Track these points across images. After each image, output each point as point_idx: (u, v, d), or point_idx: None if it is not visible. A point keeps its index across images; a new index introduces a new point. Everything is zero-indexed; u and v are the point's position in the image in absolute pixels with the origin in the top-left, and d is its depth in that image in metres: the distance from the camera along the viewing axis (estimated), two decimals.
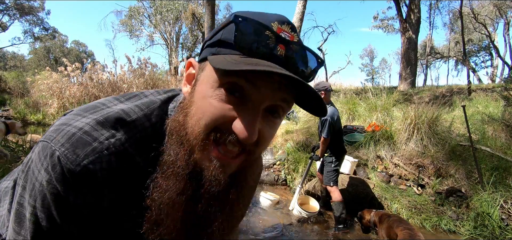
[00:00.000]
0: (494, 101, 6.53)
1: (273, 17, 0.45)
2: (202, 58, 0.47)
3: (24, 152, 4.17)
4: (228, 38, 0.43)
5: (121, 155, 0.43)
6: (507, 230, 2.85)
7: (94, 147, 0.41)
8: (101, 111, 0.45)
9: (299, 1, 7.64)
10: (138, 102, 0.50)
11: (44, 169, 0.40)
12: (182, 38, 25.11)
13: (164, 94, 0.54)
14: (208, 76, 0.44)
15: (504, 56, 22.89)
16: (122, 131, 0.44)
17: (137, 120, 0.47)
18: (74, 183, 0.40)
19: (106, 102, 0.49)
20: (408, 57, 12.49)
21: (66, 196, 0.40)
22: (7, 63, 35.70)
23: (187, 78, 0.51)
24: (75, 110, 0.46)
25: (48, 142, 0.41)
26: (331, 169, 3.22)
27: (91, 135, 0.42)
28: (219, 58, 0.42)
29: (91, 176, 0.41)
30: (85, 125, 0.42)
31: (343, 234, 3.06)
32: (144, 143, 0.46)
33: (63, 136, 0.41)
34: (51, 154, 0.40)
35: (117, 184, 0.44)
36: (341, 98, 7.02)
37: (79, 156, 0.40)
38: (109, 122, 0.44)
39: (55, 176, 0.39)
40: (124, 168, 0.44)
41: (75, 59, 27.69)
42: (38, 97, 11.05)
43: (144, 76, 9.98)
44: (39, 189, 0.40)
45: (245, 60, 0.40)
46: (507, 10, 19.75)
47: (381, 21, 23.12)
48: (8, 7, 24.38)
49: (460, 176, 3.73)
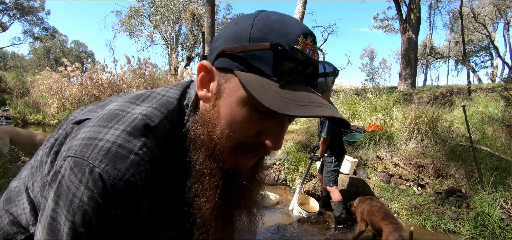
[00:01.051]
0: (494, 101, 6.53)
1: (298, 29, 0.44)
2: (224, 68, 0.46)
3: (24, 152, 4.17)
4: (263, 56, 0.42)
5: (153, 161, 0.45)
6: (507, 230, 2.85)
7: (132, 160, 0.43)
8: (124, 119, 0.46)
9: (299, 1, 7.64)
10: (156, 104, 0.51)
11: (84, 186, 0.41)
12: (182, 38, 25.14)
13: (175, 90, 0.55)
14: (234, 91, 0.45)
15: (504, 56, 22.92)
16: (150, 138, 0.46)
17: (160, 124, 0.48)
18: (117, 196, 0.42)
19: (123, 107, 0.49)
20: (408, 57, 12.49)
21: (108, 209, 0.42)
22: (7, 63, 35.71)
23: (202, 81, 0.49)
24: (95, 120, 0.47)
25: (83, 159, 0.41)
26: (331, 169, 3.22)
27: (126, 148, 0.43)
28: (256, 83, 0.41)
29: (132, 187, 0.43)
30: (117, 138, 0.43)
31: (343, 234, 3.06)
32: (166, 144, 0.48)
33: (98, 152, 0.42)
34: (91, 171, 0.41)
35: (152, 189, 0.46)
36: (341, 98, 7.02)
37: (121, 171, 0.42)
38: (137, 131, 0.45)
39: (98, 192, 0.41)
40: (157, 172, 0.46)
41: (75, 59, 27.70)
42: (38, 97, 11.04)
43: (144, 76, 9.97)
44: (79, 205, 0.41)
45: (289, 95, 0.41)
46: (507, 10, 19.76)
47: (381, 21, 23.14)
48: (8, 7, 24.38)
49: (460, 176, 3.73)
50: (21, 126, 9.48)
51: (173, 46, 23.83)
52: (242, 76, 0.42)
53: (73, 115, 0.58)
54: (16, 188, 0.59)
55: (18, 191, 0.58)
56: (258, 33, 0.43)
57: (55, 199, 0.43)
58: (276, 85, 0.41)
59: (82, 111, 0.57)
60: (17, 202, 0.57)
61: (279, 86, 0.42)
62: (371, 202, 2.71)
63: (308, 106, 0.40)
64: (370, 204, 2.66)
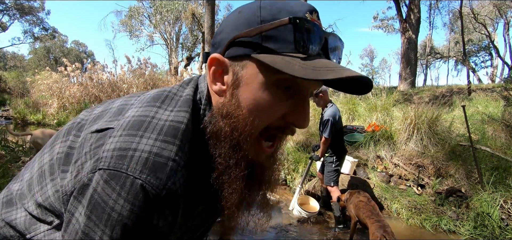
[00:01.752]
0: (494, 101, 6.53)
1: (304, 7, 0.45)
2: (238, 55, 0.46)
3: (24, 152, 4.17)
4: (279, 36, 0.43)
5: (188, 163, 0.45)
6: (507, 230, 2.85)
7: (171, 167, 0.42)
8: (153, 126, 0.45)
9: None
10: (179, 105, 0.50)
11: (124, 199, 0.39)
12: (182, 38, 25.17)
13: (191, 87, 0.54)
14: (253, 76, 0.45)
15: (504, 56, 22.92)
16: (183, 141, 0.45)
17: (187, 126, 0.47)
18: (159, 206, 0.41)
19: (146, 112, 0.47)
20: (408, 57, 12.49)
21: (149, 220, 0.41)
22: (7, 63, 35.73)
23: (214, 75, 0.49)
24: (121, 129, 0.44)
25: (121, 172, 0.40)
26: (332, 169, 3.22)
27: (164, 156, 0.42)
28: (280, 60, 0.42)
29: (174, 195, 0.42)
30: (152, 147, 0.42)
31: (343, 234, 3.06)
32: (192, 143, 0.47)
33: (136, 162, 0.40)
34: (132, 183, 0.39)
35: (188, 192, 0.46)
36: (341, 98, 7.02)
37: (162, 180, 0.41)
38: (170, 137, 0.44)
39: (139, 205, 0.40)
40: (191, 175, 0.46)
41: (75, 59, 27.73)
42: (38, 97, 11.05)
43: (144, 76, 9.97)
44: (118, 219, 0.40)
45: (313, 64, 0.42)
46: (507, 10, 19.77)
47: (381, 21, 23.13)
48: (8, 7, 24.39)
49: (460, 176, 3.73)
50: (20, 126, 9.49)
51: (173, 46, 23.84)
52: (263, 57, 0.42)
53: (80, 118, 0.56)
54: (19, 191, 0.57)
55: (21, 194, 0.56)
56: (268, 15, 0.43)
57: (87, 214, 0.41)
58: (298, 59, 0.42)
59: (89, 114, 0.55)
60: (20, 205, 0.55)
61: (302, 58, 0.42)
62: (358, 195, 2.78)
63: (337, 69, 0.41)
64: (357, 198, 2.74)
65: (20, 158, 3.92)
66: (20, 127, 9.22)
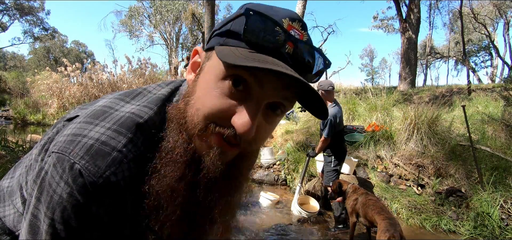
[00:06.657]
0: (494, 101, 6.52)
1: (285, 13, 0.44)
2: (209, 47, 0.47)
3: (24, 152, 4.17)
4: (237, 30, 0.43)
5: (139, 158, 0.44)
6: (507, 230, 2.86)
7: (114, 157, 0.41)
8: (112, 117, 0.45)
9: (299, 1, 7.64)
10: (145, 101, 0.50)
11: (64, 182, 0.40)
12: (182, 38, 25.16)
13: (167, 87, 0.54)
14: (213, 67, 0.44)
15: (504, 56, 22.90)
16: (137, 135, 0.44)
17: (149, 120, 0.47)
18: (97, 194, 0.40)
19: (112, 104, 0.48)
20: (408, 57, 12.49)
21: (88, 207, 0.40)
22: (7, 63, 35.69)
23: (192, 66, 0.50)
24: (83, 116, 0.45)
25: (65, 155, 0.40)
26: (331, 169, 3.22)
27: (109, 145, 0.41)
28: (227, 50, 0.42)
29: (113, 186, 0.41)
30: (101, 135, 0.42)
31: (343, 234, 3.06)
32: (153, 139, 0.46)
33: (80, 148, 0.40)
34: (71, 167, 0.40)
35: (137, 187, 0.44)
36: (341, 98, 7.02)
37: (101, 168, 0.40)
38: (124, 128, 0.44)
39: (77, 189, 0.39)
40: (142, 169, 0.44)
41: (75, 59, 27.71)
42: (38, 97, 11.06)
43: (144, 76, 9.98)
44: (58, 201, 0.40)
45: (253, 56, 0.40)
46: (507, 10, 19.77)
47: (381, 21, 23.11)
48: (8, 7, 24.39)
49: (460, 176, 3.73)
50: (20, 126, 9.49)
51: (173, 46, 23.84)
52: (218, 49, 0.43)
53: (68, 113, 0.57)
54: (9, 187, 0.57)
55: (11, 190, 0.56)
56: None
57: (37, 195, 0.42)
58: (245, 50, 0.41)
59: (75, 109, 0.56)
60: (10, 201, 0.55)
61: (248, 51, 0.41)
62: (367, 196, 2.73)
63: (265, 63, 0.38)
64: (366, 198, 2.68)
65: (20, 158, 3.92)
66: (20, 127, 9.22)
